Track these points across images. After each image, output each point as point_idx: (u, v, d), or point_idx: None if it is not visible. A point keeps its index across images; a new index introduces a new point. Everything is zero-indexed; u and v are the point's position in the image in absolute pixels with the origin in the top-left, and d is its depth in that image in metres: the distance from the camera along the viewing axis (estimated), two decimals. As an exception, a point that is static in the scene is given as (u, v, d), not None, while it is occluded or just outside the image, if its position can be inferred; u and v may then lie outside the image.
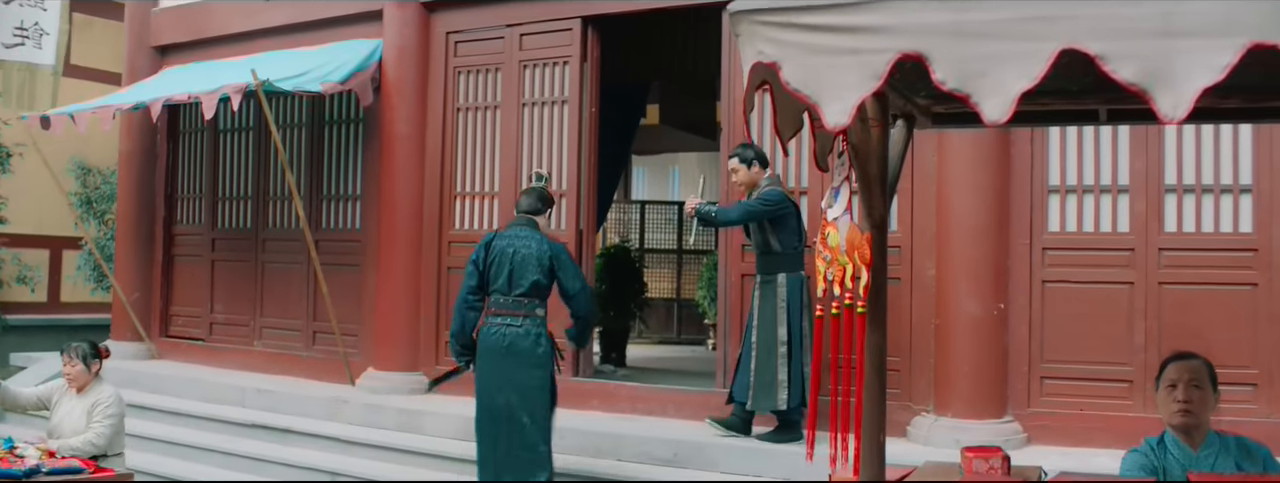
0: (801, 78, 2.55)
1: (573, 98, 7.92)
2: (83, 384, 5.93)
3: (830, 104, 2.51)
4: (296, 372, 9.07)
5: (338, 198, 9.15)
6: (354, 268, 8.86)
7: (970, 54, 2.40)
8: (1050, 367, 6.56)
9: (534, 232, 6.19)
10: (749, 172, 6.65)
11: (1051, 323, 6.56)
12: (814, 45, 2.53)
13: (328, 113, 9.25)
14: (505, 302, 6.07)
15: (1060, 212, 6.61)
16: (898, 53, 2.48)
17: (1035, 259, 6.60)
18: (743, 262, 7.32)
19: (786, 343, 6.46)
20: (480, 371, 6.15)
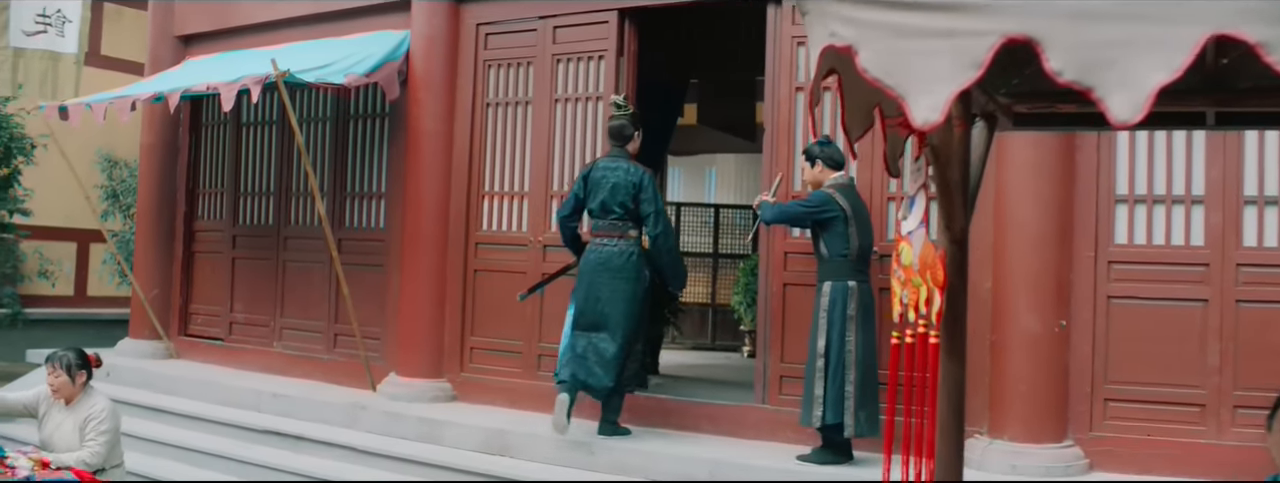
0: (883, 65, 2.11)
1: (608, 94, 7.55)
2: (69, 396, 5.53)
3: (918, 97, 2.07)
4: (316, 375, 8.82)
5: (361, 195, 8.89)
6: (377, 268, 8.59)
7: (1094, 39, 1.96)
8: (1115, 388, 6.16)
9: (623, 160, 6.75)
10: (812, 170, 6.34)
11: (1117, 341, 6.17)
12: (900, 26, 2.10)
13: (352, 107, 8.98)
14: (602, 224, 6.75)
15: (1128, 223, 6.22)
16: (1002, 36, 2.04)
17: (1100, 273, 6.21)
18: (785, 270, 6.94)
19: (824, 356, 6.13)
20: (577, 285, 6.80)
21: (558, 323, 7.42)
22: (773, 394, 6.90)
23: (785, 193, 6.83)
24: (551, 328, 7.56)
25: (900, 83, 2.11)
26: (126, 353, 9.91)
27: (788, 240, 6.94)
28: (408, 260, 8.15)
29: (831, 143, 6.34)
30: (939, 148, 2.69)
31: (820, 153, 6.29)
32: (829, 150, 6.31)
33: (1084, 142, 6.18)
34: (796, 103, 6.95)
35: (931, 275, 2.60)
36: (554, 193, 7.76)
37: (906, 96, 2.11)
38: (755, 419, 6.90)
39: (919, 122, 2.07)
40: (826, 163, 6.28)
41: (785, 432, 6.70)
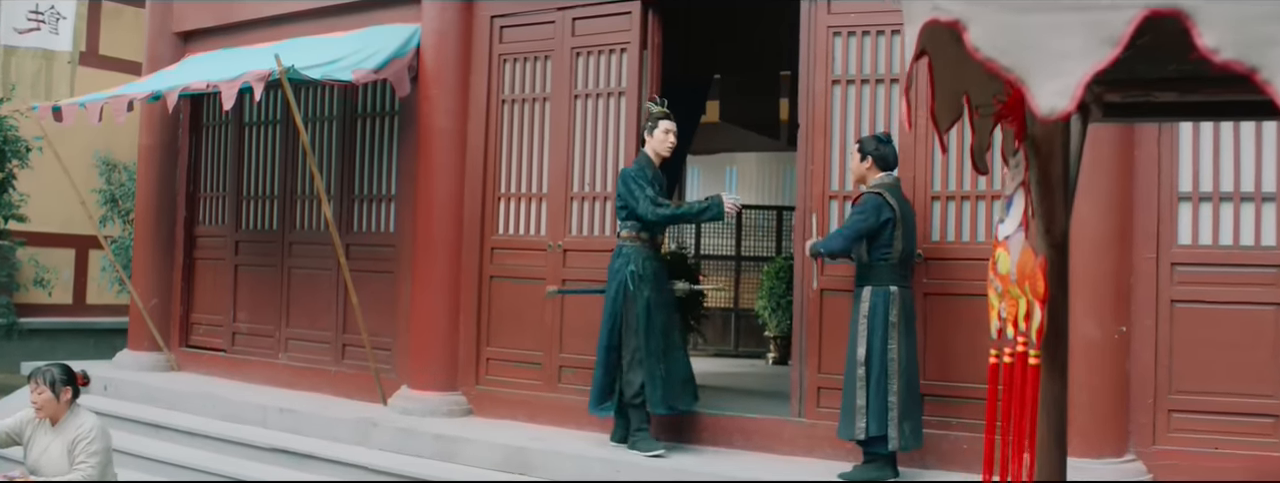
0: (999, 43, 1.83)
1: (631, 89, 7.34)
2: (54, 415, 5.26)
3: (1043, 81, 1.79)
4: (324, 388, 8.63)
5: (370, 198, 8.68)
6: (387, 275, 8.40)
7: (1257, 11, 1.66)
8: (1179, 399, 5.91)
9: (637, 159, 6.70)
10: (861, 165, 6.13)
11: (1181, 349, 5.92)
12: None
13: (360, 105, 8.78)
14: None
15: (1192, 222, 5.97)
16: (1144, 9, 1.74)
17: (1162, 276, 5.98)
18: (821, 274, 6.67)
19: (865, 364, 5.93)
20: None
21: (580, 333, 7.31)
22: (810, 407, 6.67)
23: (822, 224, 6.64)
24: (572, 338, 7.40)
25: (1019, 63, 1.82)
26: (126, 366, 9.74)
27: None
28: (419, 266, 7.96)
29: (890, 141, 6.16)
30: (1041, 140, 2.40)
31: (875, 150, 6.09)
32: (885, 149, 6.11)
33: (1143, 135, 5.95)
34: (833, 97, 6.73)
35: (1031, 287, 2.31)
36: (574, 194, 7.57)
37: (1028, 79, 1.82)
38: (792, 434, 6.68)
39: (1045, 111, 1.78)
40: (878, 161, 6.09)
41: (824, 447, 6.49)
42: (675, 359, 6.54)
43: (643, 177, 6.56)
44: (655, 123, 6.68)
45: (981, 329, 6.09)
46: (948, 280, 6.36)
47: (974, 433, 6.12)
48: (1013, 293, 2.39)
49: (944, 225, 6.43)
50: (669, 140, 6.68)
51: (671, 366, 6.51)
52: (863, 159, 6.09)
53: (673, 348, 6.55)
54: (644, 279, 6.54)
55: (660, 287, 6.61)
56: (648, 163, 6.68)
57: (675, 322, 6.66)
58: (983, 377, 6.03)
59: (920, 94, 5.90)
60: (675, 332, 6.60)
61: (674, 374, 6.52)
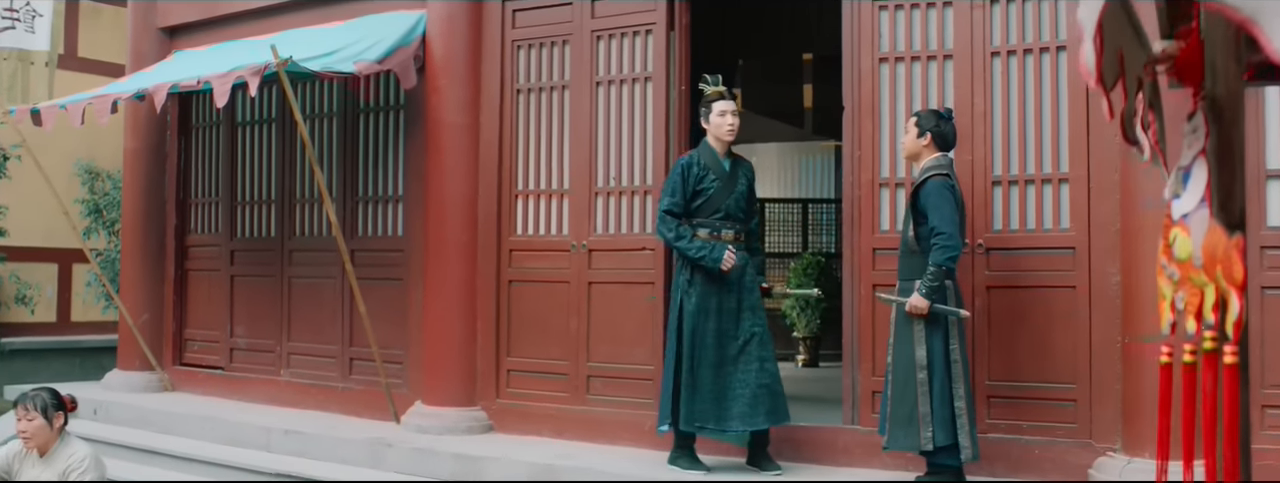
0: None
1: (658, 74, 7.11)
2: (44, 444, 4.94)
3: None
4: (331, 407, 8.40)
5: (376, 200, 8.47)
6: (396, 282, 8.17)
7: None
8: (1274, 393, 5.61)
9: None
10: (917, 141, 5.81)
11: (1274, 339, 5.60)
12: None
13: (363, 99, 8.53)
14: None
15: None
16: None
17: (1252, 261, 5.64)
18: (873, 269, 6.43)
19: (927, 367, 5.64)
20: None
21: (608, 340, 7.14)
22: (864, 413, 6.43)
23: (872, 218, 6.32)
24: (600, 346, 7.21)
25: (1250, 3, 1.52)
26: (116, 387, 9.49)
27: (876, 235, 6.45)
28: (431, 272, 7.73)
29: (952, 118, 5.88)
30: (1223, 103, 2.08)
31: (934, 127, 5.78)
32: (945, 127, 5.81)
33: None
34: (881, 77, 6.49)
35: (1224, 272, 1.98)
36: (599, 189, 7.34)
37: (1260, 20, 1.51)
38: (846, 443, 6.44)
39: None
40: (937, 139, 5.79)
41: (881, 457, 6.22)
42: (724, 375, 6.16)
43: (679, 176, 6.28)
44: (709, 105, 6.35)
45: (1051, 323, 6.00)
46: (1012, 272, 6.12)
47: (1046, 438, 5.95)
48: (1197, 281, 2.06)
49: (1007, 213, 6.17)
50: (727, 122, 6.31)
51: (719, 381, 6.16)
52: (920, 135, 5.78)
53: (725, 362, 6.17)
54: (692, 285, 6.23)
55: (719, 292, 6.23)
56: (704, 155, 6.35)
57: (739, 332, 6.22)
58: (1054, 375, 5.96)
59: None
60: (732, 344, 6.20)
61: (715, 390, 6.15)
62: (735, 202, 6.31)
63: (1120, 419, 5.75)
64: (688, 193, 6.26)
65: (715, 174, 6.30)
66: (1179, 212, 2.15)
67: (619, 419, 7.02)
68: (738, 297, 6.23)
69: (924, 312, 5.61)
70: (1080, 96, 5.95)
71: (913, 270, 5.75)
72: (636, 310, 7.06)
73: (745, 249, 6.35)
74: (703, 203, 6.27)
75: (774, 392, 6.16)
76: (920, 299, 5.59)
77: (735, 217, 6.31)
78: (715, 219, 6.26)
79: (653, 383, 6.87)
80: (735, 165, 6.40)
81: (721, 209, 6.28)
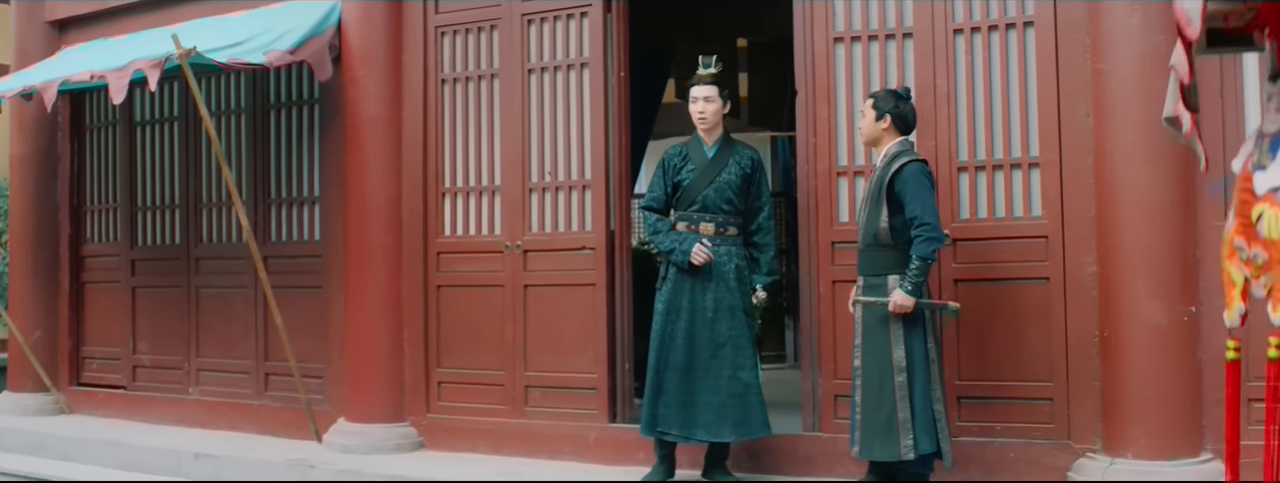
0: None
1: (595, 59, 6.94)
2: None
3: None
4: (246, 426, 8.14)
5: (290, 202, 8.22)
6: (315, 290, 7.94)
7: None
8: (1259, 386, 5.29)
9: None
10: (876, 124, 5.62)
11: (1257, 329, 5.33)
12: None
13: (273, 93, 8.31)
14: None
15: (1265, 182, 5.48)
16: None
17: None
18: (833, 264, 6.27)
19: (907, 369, 5.46)
20: None
21: (548, 348, 7.00)
22: (826, 419, 6.28)
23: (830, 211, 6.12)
24: (539, 354, 7.06)
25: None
26: (6, 410, 9.13)
27: (835, 227, 6.29)
28: (353, 278, 7.54)
29: (910, 98, 5.72)
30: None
31: (893, 108, 5.60)
32: (904, 108, 5.64)
33: (1205, 87, 5.54)
34: (835, 58, 6.34)
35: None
36: (533, 185, 7.16)
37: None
38: (807, 451, 6.28)
39: None
40: (897, 122, 5.61)
41: (845, 464, 6.07)
42: (692, 380, 5.95)
43: (659, 169, 6.17)
44: (689, 92, 6.22)
45: (1024, 317, 5.87)
46: (981, 264, 5.97)
47: (1021, 439, 5.84)
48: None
49: (974, 201, 6.03)
50: (697, 110, 6.13)
51: (686, 385, 5.95)
52: (879, 118, 5.60)
53: (694, 366, 5.96)
54: (664, 282, 6.07)
55: (692, 290, 6.01)
56: (690, 144, 6.21)
57: (714, 335, 5.99)
58: (1028, 373, 5.75)
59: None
60: (703, 347, 5.98)
61: (682, 396, 5.95)
62: (717, 192, 6.06)
63: (1100, 418, 5.67)
64: (668, 186, 6.11)
65: (694, 163, 6.11)
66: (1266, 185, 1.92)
67: (561, 432, 6.84)
68: (714, 296, 5.99)
69: (910, 310, 5.42)
70: (1050, 75, 5.83)
71: (881, 265, 5.56)
72: (577, 315, 6.89)
73: (740, 245, 6.12)
74: (680, 195, 6.11)
75: (746, 404, 5.93)
76: (906, 297, 5.39)
77: (716, 209, 6.06)
78: (691, 212, 6.07)
79: (597, 392, 6.78)
80: (724, 154, 6.15)
81: (698, 200, 6.07)
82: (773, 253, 6.23)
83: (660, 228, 6.07)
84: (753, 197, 6.17)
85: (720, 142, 6.17)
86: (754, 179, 6.18)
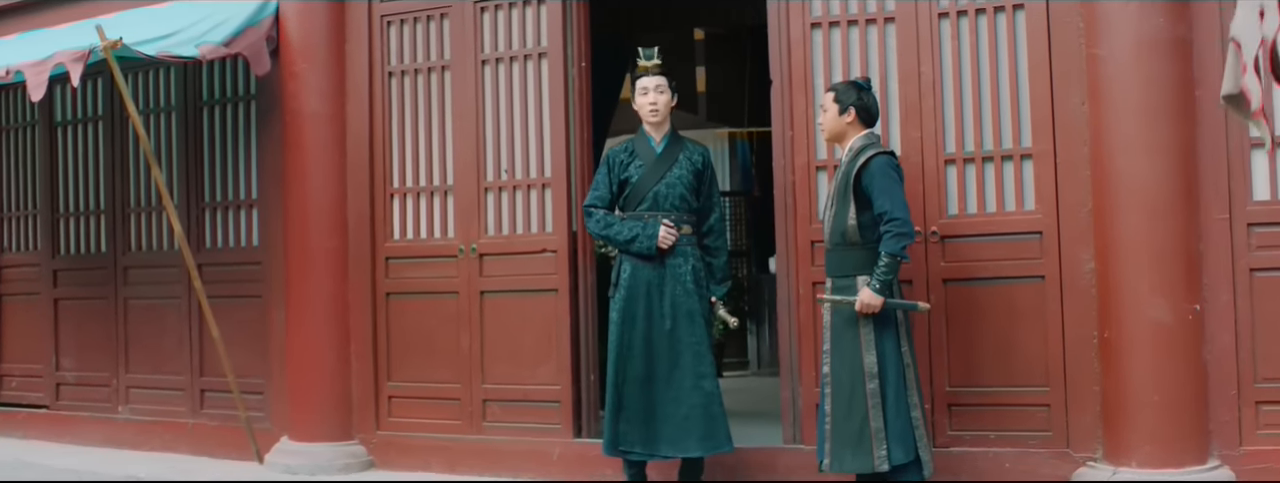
0: None
1: (554, 49, 6.84)
2: None
3: None
4: (181, 447, 7.98)
5: (226, 205, 8.06)
6: (254, 300, 7.80)
7: None
8: (1268, 387, 5.49)
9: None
10: (840, 119, 5.46)
11: (1265, 326, 5.50)
12: None
13: (207, 89, 8.13)
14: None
15: (1270, 172, 5.54)
16: None
17: (1238, 240, 5.55)
18: (813, 264, 6.13)
19: (879, 375, 5.29)
20: None
21: (506, 358, 6.89)
22: (807, 431, 6.13)
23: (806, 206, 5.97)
24: (497, 365, 6.96)
25: None
26: None
27: (814, 225, 6.12)
28: (295, 286, 7.42)
29: (871, 87, 5.58)
30: None
31: (857, 100, 5.45)
32: (867, 99, 5.49)
33: (1206, 73, 5.50)
34: (813, 44, 6.21)
35: None
36: (489, 185, 7.02)
37: None
38: (788, 464, 6.16)
39: None
40: (861, 115, 5.47)
41: (828, 477, 5.80)
42: (653, 392, 5.78)
43: (604, 166, 6.01)
44: (635, 83, 6.06)
45: (1018, 318, 5.75)
46: (971, 262, 5.86)
47: (1017, 448, 5.77)
48: None
49: (963, 195, 5.91)
50: (647, 102, 5.97)
51: (646, 398, 5.78)
52: (843, 112, 5.46)
53: (654, 378, 5.79)
54: (618, 287, 5.90)
55: (649, 294, 5.84)
56: (636, 139, 6.05)
57: (673, 343, 5.82)
58: (1023, 377, 5.64)
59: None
60: (663, 356, 5.81)
61: (643, 410, 5.78)
62: (668, 188, 5.89)
63: (1100, 425, 5.60)
64: (614, 184, 5.94)
65: (642, 159, 5.95)
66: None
67: (522, 449, 6.72)
68: (671, 301, 5.83)
69: (877, 310, 5.25)
70: (1042, 61, 5.71)
71: (850, 265, 5.40)
72: (538, 322, 6.77)
73: (695, 244, 5.95)
74: (628, 193, 5.93)
75: (711, 414, 5.77)
76: (873, 296, 5.22)
77: (668, 206, 5.88)
78: (641, 211, 5.89)
79: (560, 406, 6.68)
80: (673, 149, 5.99)
81: (647, 198, 5.89)
82: (726, 257, 6.15)
83: (612, 221, 5.91)
84: (703, 196, 6.04)
85: (669, 136, 6.03)
86: (705, 177, 6.06)
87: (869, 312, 5.24)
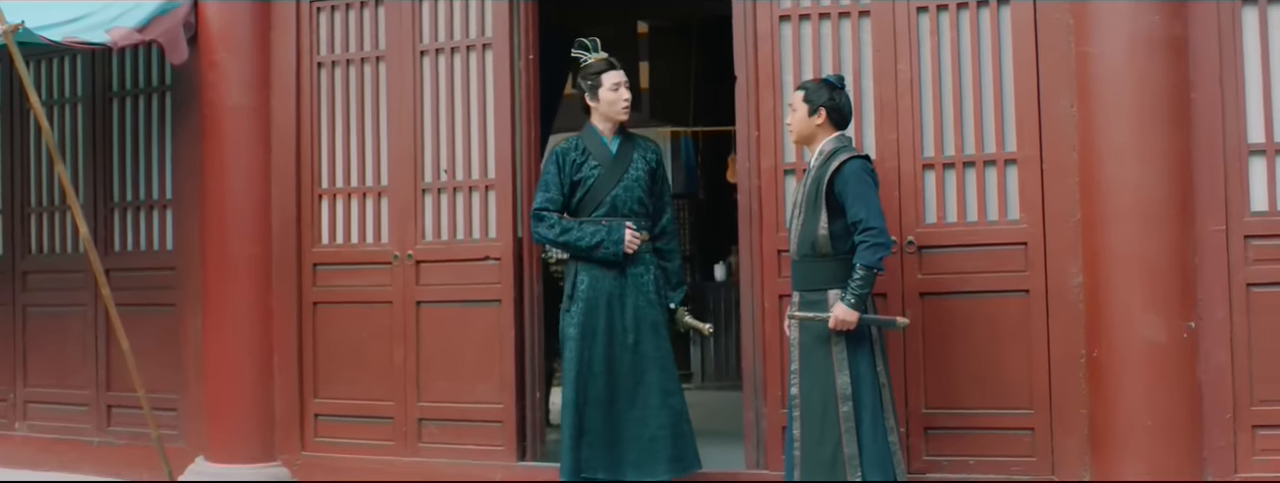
0: None
1: (500, 40, 6.64)
2: None
3: None
4: (83, 467, 7.76)
5: (137, 205, 7.82)
6: (167, 308, 7.58)
7: None
8: (1265, 410, 5.37)
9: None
10: (810, 120, 5.28)
11: (1262, 346, 5.39)
12: None
13: (117, 78, 7.89)
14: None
15: (1268, 181, 5.41)
16: None
17: (1234, 253, 5.42)
18: (779, 276, 5.94)
19: (853, 397, 5.11)
20: None
21: (444, 374, 6.72)
22: (772, 455, 5.96)
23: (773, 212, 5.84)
24: (435, 381, 6.79)
25: None
26: None
27: (781, 232, 5.93)
28: (213, 294, 7.21)
29: (845, 86, 5.40)
30: None
31: (829, 100, 5.26)
32: (841, 99, 5.31)
33: (1202, 75, 5.41)
34: (781, 38, 6.03)
35: None
36: (427, 186, 6.83)
37: None
38: None
39: None
40: (832, 116, 5.29)
41: None
42: (617, 412, 5.60)
43: (553, 166, 5.77)
44: (596, 78, 5.82)
45: (1000, 335, 5.63)
46: (950, 274, 5.70)
47: (998, 474, 5.63)
48: None
49: (942, 202, 5.75)
50: (622, 98, 5.79)
51: (610, 419, 5.61)
52: (813, 112, 5.27)
53: (617, 397, 5.61)
54: (574, 300, 5.69)
55: (609, 306, 5.66)
56: (586, 138, 5.84)
57: (637, 358, 5.66)
58: (1005, 399, 5.48)
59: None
60: (626, 373, 5.65)
61: (607, 432, 5.61)
62: (625, 191, 5.70)
63: (1088, 449, 5.46)
64: (565, 186, 5.72)
65: (597, 159, 5.75)
66: None
67: (461, 472, 6.54)
68: (634, 312, 5.65)
69: (853, 326, 5.05)
70: (1029, 60, 5.55)
71: (820, 278, 5.21)
72: (480, 335, 6.57)
73: (653, 251, 5.79)
74: (583, 197, 5.72)
75: (679, 433, 5.60)
76: (848, 311, 5.01)
77: (627, 211, 5.70)
78: (597, 216, 5.70)
79: (502, 425, 6.51)
80: (627, 148, 5.81)
81: (606, 202, 5.70)
82: (680, 261, 6.02)
83: (569, 226, 5.68)
84: (657, 195, 5.89)
85: (620, 134, 5.88)
86: (659, 176, 5.92)
87: (843, 328, 5.05)
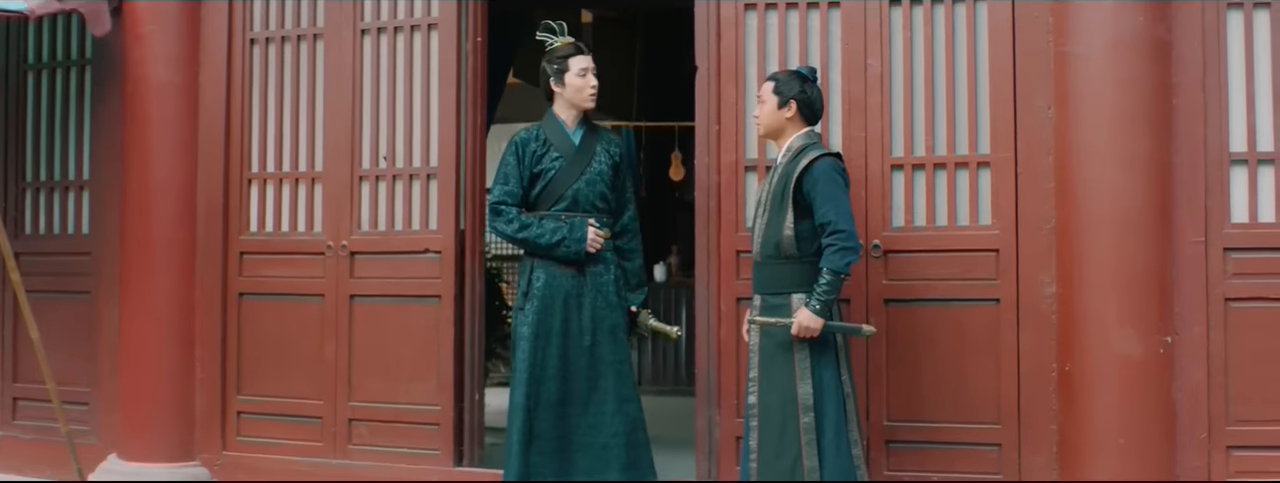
0: None
1: (447, 19, 6.44)
2: None
3: None
4: None
5: (51, 186, 7.61)
6: (81, 296, 7.35)
7: None
8: (1241, 430, 5.30)
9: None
10: (779, 113, 5.12)
11: (1239, 363, 5.32)
12: None
13: (34, 50, 7.67)
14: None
15: (1249, 191, 5.34)
16: None
17: (1213, 265, 5.33)
18: (738, 277, 5.79)
19: (815, 408, 4.94)
20: None
21: (376, 372, 6.53)
22: (725, 465, 5.81)
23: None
24: (366, 379, 6.61)
25: None
26: None
27: (741, 232, 5.80)
28: (131, 282, 6.98)
29: (817, 80, 5.23)
30: None
31: (801, 93, 5.10)
32: (812, 92, 5.14)
33: (1184, 78, 5.32)
34: (746, 27, 5.86)
35: None
36: (365, 173, 6.62)
37: None
38: None
39: None
40: (803, 110, 5.12)
41: None
42: (570, 417, 5.45)
43: (512, 157, 5.55)
44: (563, 62, 5.57)
45: (968, 346, 5.52)
46: (917, 281, 5.58)
47: None
48: None
49: (910, 205, 5.62)
50: (589, 84, 5.54)
51: (562, 425, 5.44)
52: (783, 105, 5.11)
53: (571, 401, 5.45)
54: (530, 299, 5.49)
55: (566, 306, 5.48)
56: (547, 128, 5.60)
57: (593, 362, 5.51)
58: (972, 413, 5.34)
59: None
60: (581, 377, 5.50)
61: (558, 438, 5.45)
62: (588, 185, 5.49)
63: (1057, 467, 5.37)
64: (525, 178, 5.49)
65: (559, 151, 5.52)
66: None
67: (393, 476, 6.35)
68: (593, 313, 5.48)
69: (817, 333, 4.88)
70: (1005, 58, 5.43)
71: (784, 281, 5.06)
72: (417, 333, 6.38)
73: (614, 249, 5.59)
74: (543, 190, 5.50)
75: (635, 441, 5.45)
76: (812, 317, 4.84)
77: (589, 206, 5.50)
78: (558, 211, 5.49)
79: (439, 428, 6.32)
80: (590, 139, 5.59)
81: (567, 196, 5.49)
82: (641, 260, 5.80)
83: (528, 221, 5.47)
84: (619, 190, 5.70)
85: (584, 125, 5.67)
86: (623, 170, 5.73)
87: (807, 335, 4.87)
